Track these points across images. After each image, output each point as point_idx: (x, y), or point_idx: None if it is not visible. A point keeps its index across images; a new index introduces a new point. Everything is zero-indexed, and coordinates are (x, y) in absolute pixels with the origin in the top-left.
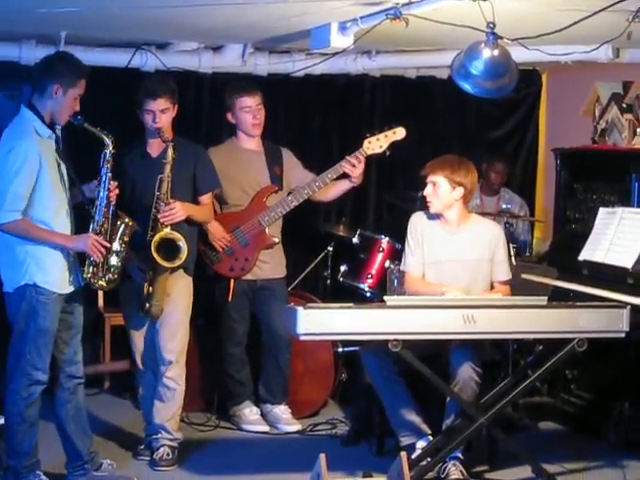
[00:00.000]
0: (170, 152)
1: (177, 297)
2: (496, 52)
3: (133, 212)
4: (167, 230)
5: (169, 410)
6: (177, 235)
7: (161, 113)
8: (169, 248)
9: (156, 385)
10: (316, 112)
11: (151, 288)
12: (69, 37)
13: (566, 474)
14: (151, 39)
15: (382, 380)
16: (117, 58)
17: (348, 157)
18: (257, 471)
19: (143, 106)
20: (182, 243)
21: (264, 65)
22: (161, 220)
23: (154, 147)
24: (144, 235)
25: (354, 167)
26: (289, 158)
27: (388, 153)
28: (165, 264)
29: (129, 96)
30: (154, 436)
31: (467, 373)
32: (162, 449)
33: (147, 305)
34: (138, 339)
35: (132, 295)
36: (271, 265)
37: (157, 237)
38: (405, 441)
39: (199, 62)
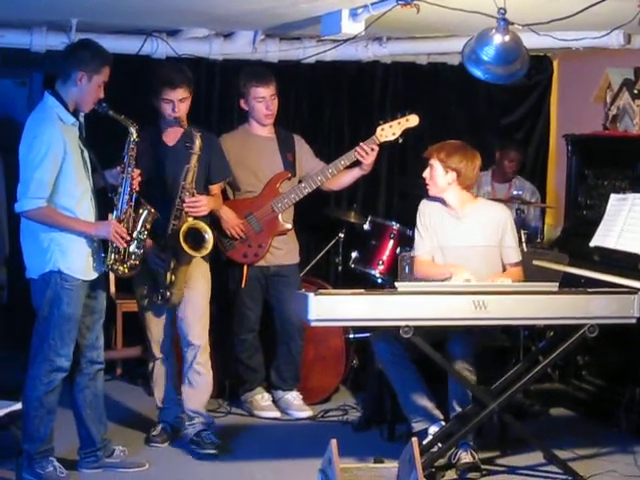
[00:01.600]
0: (198, 143)
1: (196, 283)
2: (507, 38)
3: (148, 200)
4: (193, 220)
5: (203, 395)
6: (203, 225)
7: (180, 102)
8: (195, 237)
9: (185, 372)
10: (327, 99)
11: (173, 277)
12: (80, 24)
13: (577, 460)
14: (162, 26)
15: (393, 366)
16: (128, 45)
17: (362, 144)
18: (268, 457)
19: (161, 95)
20: (208, 234)
21: (275, 52)
22: (186, 210)
23: (170, 136)
24: (164, 223)
25: (367, 155)
26: (301, 145)
27: (401, 140)
28: (193, 253)
29: (140, 83)
30: (188, 423)
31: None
32: (205, 434)
33: (168, 293)
34: (156, 328)
35: (147, 283)
36: (284, 251)
37: (185, 227)
38: (417, 427)
39: (210, 49)
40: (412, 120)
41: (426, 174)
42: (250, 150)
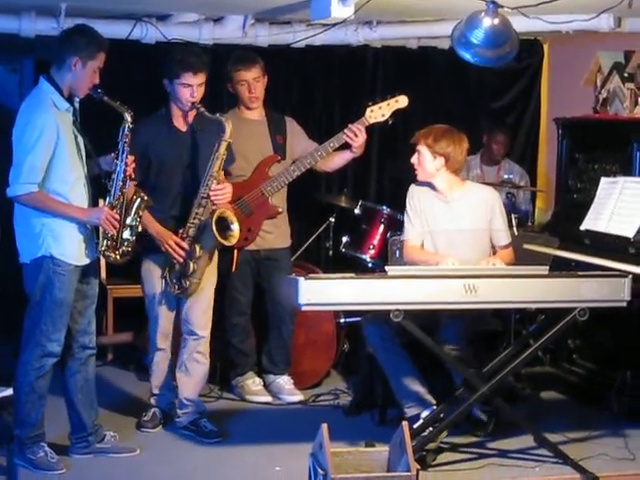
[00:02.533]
0: (229, 130)
1: (208, 273)
2: (496, 21)
3: (161, 187)
4: (222, 208)
5: (198, 384)
6: (231, 214)
7: (198, 87)
8: (222, 226)
9: (183, 359)
10: (317, 83)
11: (195, 266)
12: (69, 9)
13: (568, 443)
14: (151, 11)
15: (384, 352)
16: (117, 30)
17: (350, 126)
18: (260, 441)
19: (179, 79)
20: (234, 223)
21: (265, 36)
22: (212, 198)
23: (181, 121)
24: (185, 210)
25: (356, 136)
26: (293, 127)
27: (391, 122)
28: (224, 242)
29: (129, 68)
30: (181, 411)
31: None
32: (202, 422)
33: (187, 283)
34: (166, 320)
35: (159, 273)
36: (275, 235)
37: (216, 215)
38: (410, 412)
39: (200, 33)
40: (401, 101)
41: (414, 160)
42: (240, 134)
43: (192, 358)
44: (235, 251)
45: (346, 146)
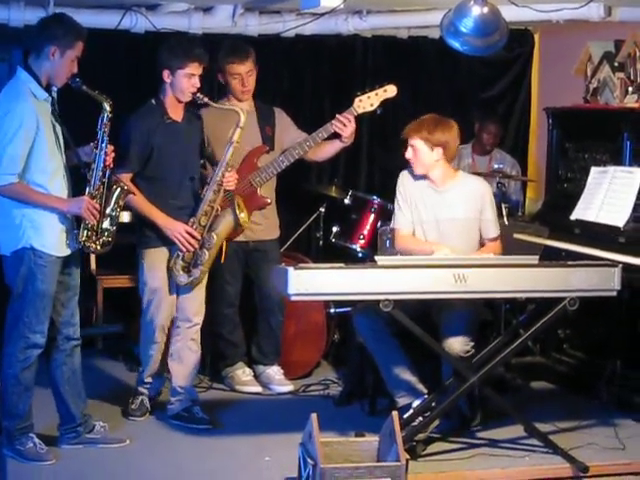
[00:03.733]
0: (244, 118)
1: None
2: (485, 9)
3: (161, 178)
4: (236, 195)
5: (192, 372)
6: (242, 203)
7: (199, 77)
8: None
9: (176, 347)
10: (307, 73)
11: (209, 253)
12: None
13: (558, 433)
14: (141, 0)
15: (375, 342)
16: (106, 19)
17: (339, 116)
18: (250, 431)
19: (185, 69)
20: (244, 212)
21: (254, 26)
22: (224, 185)
23: (176, 112)
24: (187, 199)
25: (345, 126)
26: (282, 118)
27: (379, 111)
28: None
29: (118, 58)
30: (174, 398)
31: (456, 347)
32: (195, 409)
33: (198, 272)
34: (167, 311)
35: (165, 265)
36: (263, 226)
37: (236, 202)
38: (402, 402)
39: (189, 23)
40: (390, 90)
41: (409, 155)
42: (229, 124)
43: (186, 346)
44: (224, 242)
45: (336, 135)
